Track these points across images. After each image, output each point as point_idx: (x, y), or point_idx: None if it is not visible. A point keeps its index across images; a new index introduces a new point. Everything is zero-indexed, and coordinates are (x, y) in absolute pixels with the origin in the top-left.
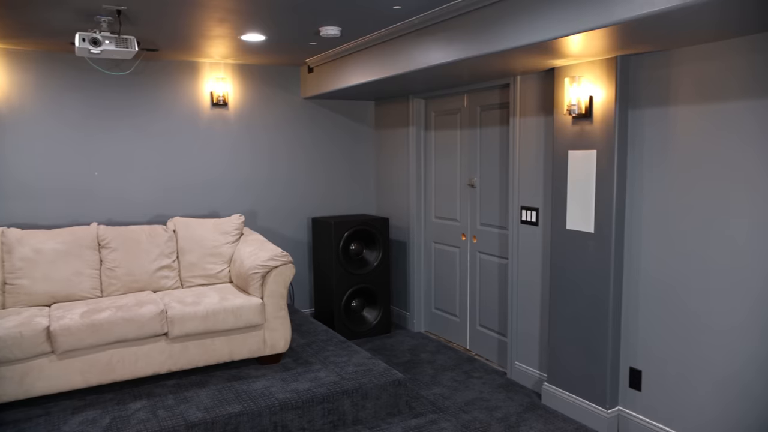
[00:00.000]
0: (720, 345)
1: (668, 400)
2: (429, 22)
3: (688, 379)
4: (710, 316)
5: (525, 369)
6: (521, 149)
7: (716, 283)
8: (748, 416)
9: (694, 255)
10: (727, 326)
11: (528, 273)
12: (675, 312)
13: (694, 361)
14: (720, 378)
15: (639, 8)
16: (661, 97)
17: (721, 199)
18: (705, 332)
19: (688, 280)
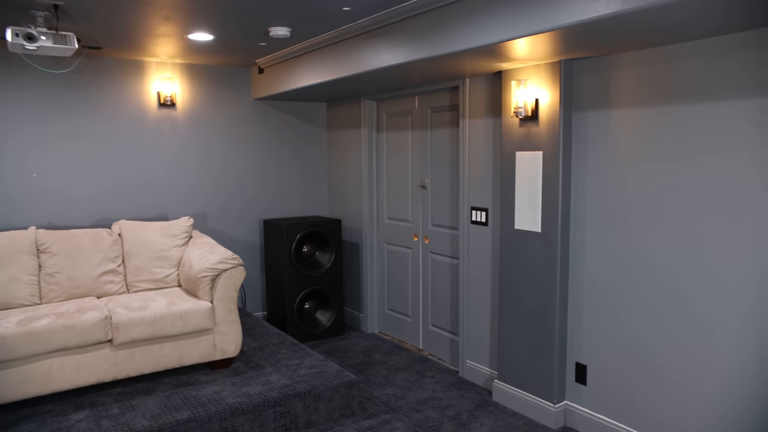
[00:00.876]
0: (661, 339)
1: (612, 393)
2: (378, 24)
3: (631, 372)
4: (651, 311)
5: (476, 367)
6: (471, 151)
7: (656, 280)
8: (688, 406)
9: (635, 252)
10: (667, 320)
11: (478, 272)
12: (617, 307)
13: (637, 355)
14: (661, 370)
15: (578, 15)
16: (603, 100)
17: (659, 198)
18: (645, 326)
19: (630, 277)
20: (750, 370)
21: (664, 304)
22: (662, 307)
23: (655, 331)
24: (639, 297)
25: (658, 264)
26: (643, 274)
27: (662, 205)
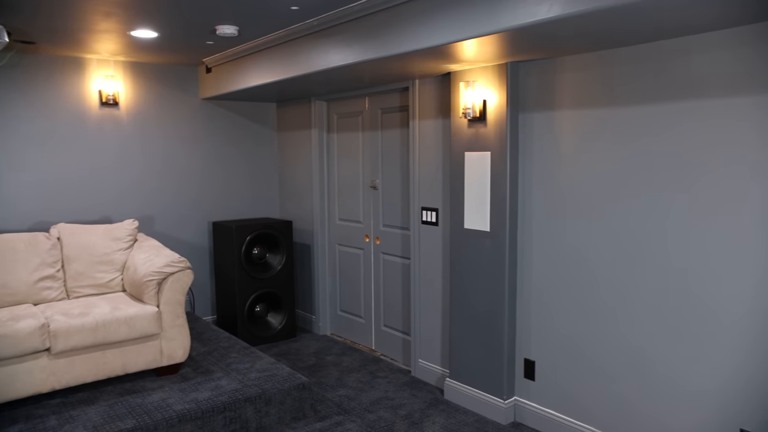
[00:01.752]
0: (603, 333)
1: (559, 388)
2: (328, 24)
3: (576, 366)
4: (594, 306)
5: (428, 366)
6: (421, 151)
7: (599, 276)
8: (630, 398)
9: (580, 250)
10: (611, 316)
11: (429, 272)
12: (563, 303)
13: (581, 349)
14: (604, 364)
15: (522, 18)
16: (548, 102)
17: (601, 198)
18: (589, 321)
19: (575, 274)
20: (692, 363)
21: (606, 299)
22: (605, 303)
23: (598, 325)
24: (583, 293)
25: (602, 261)
26: (587, 271)
27: (604, 205)
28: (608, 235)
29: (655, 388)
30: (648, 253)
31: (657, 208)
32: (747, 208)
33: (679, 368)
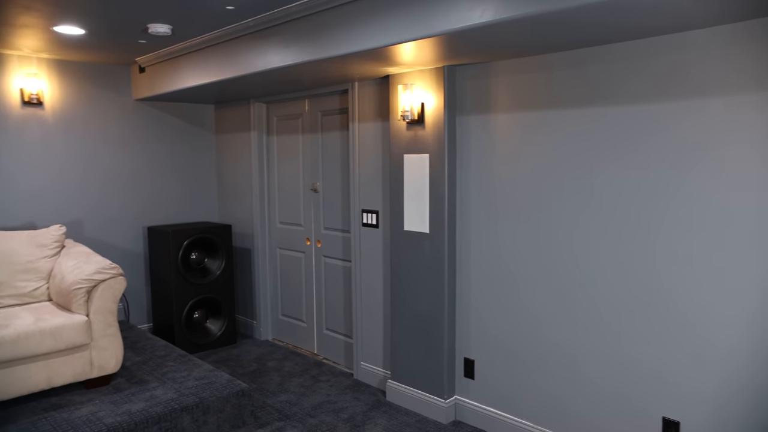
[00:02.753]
0: (539, 330)
1: (497, 386)
2: (265, 25)
3: (514, 364)
4: (530, 304)
5: (370, 368)
6: (361, 154)
7: (535, 275)
8: (566, 393)
9: (515, 249)
10: (545, 313)
11: (371, 274)
12: (502, 303)
13: (518, 347)
14: (540, 361)
15: (457, 22)
16: (484, 105)
17: (536, 198)
18: (525, 319)
19: (511, 273)
20: (624, 356)
21: (542, 297)
22: (541, 301)
23: (531, 324)
24: (518, 292)
25: (535, 261)
26: (521, 271)
27: (538, 206)
28: (542, 235)
29: (583, 385)
30: (578, 254)
31: (588, 210)
32: (673, 204)
33: (603, 367)
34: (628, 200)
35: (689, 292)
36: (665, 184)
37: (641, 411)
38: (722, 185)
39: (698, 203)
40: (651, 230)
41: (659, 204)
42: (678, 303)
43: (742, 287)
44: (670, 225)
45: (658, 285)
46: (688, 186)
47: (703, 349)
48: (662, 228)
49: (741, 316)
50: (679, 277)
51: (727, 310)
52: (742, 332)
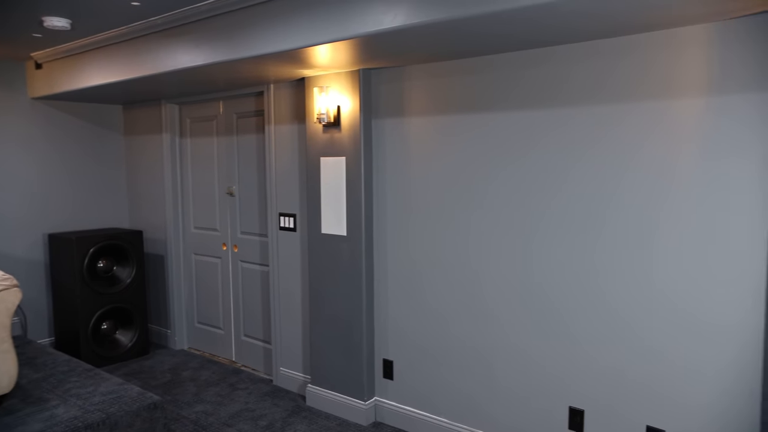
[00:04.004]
0: (455, 330)
1: (416, 385)
2: (174, 23)
3: (431, 363)
4: (445, 305)
5: (290, 374)
6: (277, 157)
7: (450, 276)
8: (481, 391)
9: (431, 251)
10: (460, 313)
11: (289, 278)
12: (418, 303)
13: (435, 346)
14: (453, 362)
15: (370, 26)
16: (399, 108)
17: (449, 200)
18: (438, 321)
19: (427, 275)
20: (526, 353)
21: (457, 297)
22: (455, 301)
23: (446, 324)
24: (433, 293)
25: (448, 262)
26: (435, 272)
27: (452, 207)
28: (455, 236)
29: (493, 381)
30: (482, 254)
31: (484, 210)
32: (555, 203)
33: (510, 363)
34: (521, 200)
35: (577, 286)
36: (550, 184)
37: (547, 403)
38: (602, 184)
39: (580, 202)
40: (541, 229)
41: (549, 203)
42: (571, 299)
43: (621, 280)
44: (554, 224)
45: (551, 282)
46: (574, 184)
47: (602, 341)
48: (549, 227)
49: (626, 311)
50: (570, 273)
51: (611, 304)
52: (635, 323)
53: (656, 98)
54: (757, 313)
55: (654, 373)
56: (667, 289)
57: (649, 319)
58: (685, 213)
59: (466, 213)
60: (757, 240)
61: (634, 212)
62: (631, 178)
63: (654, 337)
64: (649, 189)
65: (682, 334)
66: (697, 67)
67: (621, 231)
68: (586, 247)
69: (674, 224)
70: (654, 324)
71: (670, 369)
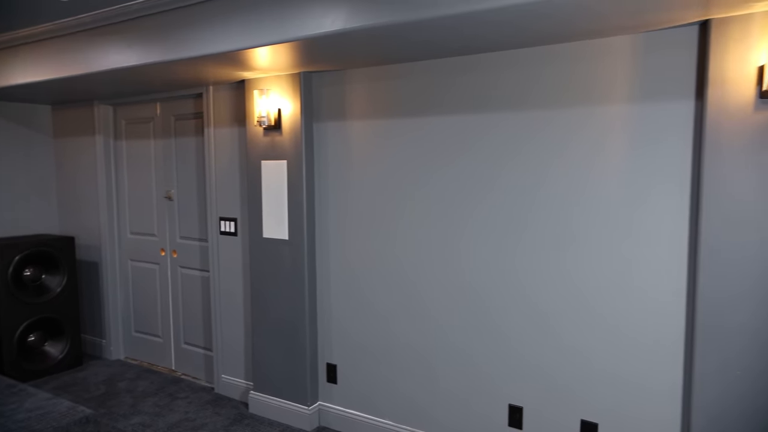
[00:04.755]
0: (397, 332)
1: (359, 388)
2: (106, 21)
3: (374, 366)
4: (387, 307)
5: (232, 381)
6: (217, 160)
7: (392, 278)
8: (422, 393)
9: (373, 254)
10: (403, 315)
11: (230, 284)
12: (360, 306)
13: (378, 349)
14: (395, 364)
15: (309, 29)
16: (340, 112)
17: (390, 203)
18: (380, 323)
19: (370, 277)
20: (473, 354)
21: (396, 299)
22: (398, 303)
23: (387, 324)
24: (373, 295)
25: (389, 265)
26: (376, 274)
27: (388, 209)
28: (392, 239)
29: (434, 382)
30: (426, 258)
31: (432, 212)
32: (485, 204)
33: (448, 363)
34: (451, 202)
35: (504, 286)
36: (479, 187)
37: (487, 401)
38: (525, 188)
39: (504, 205)
40: (468, 231)
41: (476, 205)
42: (500, 299)
43: (542, 281)
44: (480, 225)
45: (481, 282)
46: (501, 187)
47: (532, 339)
48: (476, 229)
49: (552, 309)
50: (497, 274)
51: (537, 304)
52: (558, 322)
53: (579, 105)
54: (678, 312)
55: (582, 369)
56: (585, 290)
57: (571, 318)
58: (605, 216)
59: (400, 215)
60: (677, 242)
61: (554, 215)
62: (553, 181)
63: (575, 335)
64: (570, 193)
65: (601, 332)
66: (620, 75)
67: (541, 234)
68: (509, 248)
69: (593, 228)
70: (575, 323)
71: (594, 365)
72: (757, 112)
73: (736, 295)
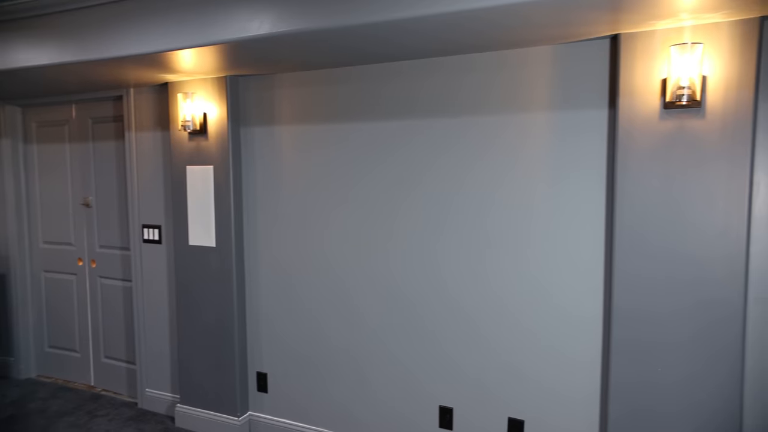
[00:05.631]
0: (325, 340)
1: (291, 396)
2: (10, 16)
3: (305, 373)
4: (318, 313)
5: (157, 395)
6: (139, 165)
7: (320, 285)
8: (355, 398)
9: (300, 259)
10: (334, 320)
11: (154, 294)
12: (291, 313)
13: (309, 356)
14: (326, 370)
15: (235, 32)
16: (268, 117)
17: (320, 208)
18: (310, 330)
19: (297, 284)
20: (403, 357)
21: (331, 305)
22: (330, 308)
23: (319, 333)
24: (303, 301)
25: (325, 269)
26: (306, 281)
27: (323, 215)
28: (321, 243)
29: (366, 388)
30: (355, 262)
31: (360, 217)
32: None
33: (381, 368)
34: (378, 206)
35: (429, 288)
36: (404, 192)
37: (418, 404)
38: (448, 190)
39: (425, 211)
40: (395, 235)
41: (399, 208)
42: (426, 300)
43: (462, 282)
44: (405, 230)
45: (409, 285)
46: (423, 191)
47: (459, 340)
48: (402, 233)
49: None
50: (422, 276)
51: (460, 305)
52: (480, 322)
53: (500, 112)
54: (594, 314)
55: (507, 370)
56: (503, 294)
57: (493, 320)
58: (523, 221)
59: (330, 220)
60: (593, 245)
61: (470, 220)
62: (471, 187)
63: (498, 337)
64: (486, 199)
65: (519, 335)
66: (539, 84)
67: (459, 238)
68: (433, 251)
69: (510, 232)
70: (497, 325)
71: (517, 367)
72: (662, 121)
73: (647, 286)
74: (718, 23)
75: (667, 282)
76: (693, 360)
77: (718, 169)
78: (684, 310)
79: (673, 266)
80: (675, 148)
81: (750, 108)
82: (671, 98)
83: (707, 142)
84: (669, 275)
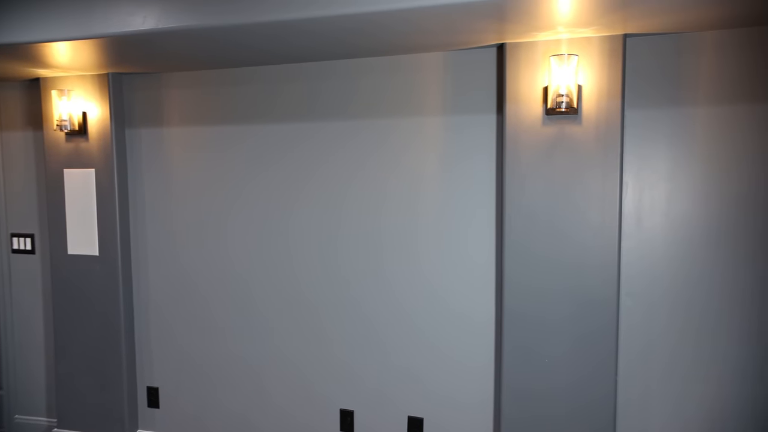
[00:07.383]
0: (220, 351)
1: (185, 411)
2: None
3: (200, 386)
4: (211, 324)
5: (30, 421)
6: (7, 168)
7: (213, 294)
8: (253, 407)
9: (193, 268)
10: (223, 334)
11: (27, 309)
12: (182, 325)
13: (203, 368)
14: (222, 382)
15: (116, 26)
16: (157, 118)
17: (213, 215)
18: (205, 341)
19: (189, 293)
20: (302, 362)
21: (225, 312)
22: (224, 316)
23: (213, 344)
24: (196, 312)
25: (213, 279)
26: (199, 290)
27: (220, 218)
28: (217, 248)
29: (264, 398)
30: (250, 267)
31: (256, 219)
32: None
33: (278, 375)
34: (274, 209)
35: (329, 290)
36: (300, 189)
37: (319, 409)
38: (337, 193)
39: (320, 210)
40: (291, 240)
41: (291, 211)
42: (324, 303)
43: (358, 283)
44: (299, 234)
45: (307, 289)
46: (315, 193)
47: (356, 342)
48: (299, 233)
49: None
50: (323, 277)
51: (359, 306)
52: (378, 323)
53: (394, 115)
54: (487, 315)
55: (405, 372)
56: (399, 294)
57: (389, 321)
58: (412, 223)
59: (228, 223)
60: (486, 245)
61: (363, 222)
62: (359, 189)
63: (395, 340)
64: (376, 200)
65: (416, 339)
66: (432, 88)
67: (354, 239)
68: (328, 254)
69: (400, 234)
70: (393, 326)
71: (414, 368)
72: (545, 126)
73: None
74: (590, 38)
75: (550, 285)
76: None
77: (594, 172)
78: (564, 305)
79: (556, 269)
80: (557, 153)
81: (618, 115)
82: (552, 105)
83: (584, 147)
84: (553, 278)
